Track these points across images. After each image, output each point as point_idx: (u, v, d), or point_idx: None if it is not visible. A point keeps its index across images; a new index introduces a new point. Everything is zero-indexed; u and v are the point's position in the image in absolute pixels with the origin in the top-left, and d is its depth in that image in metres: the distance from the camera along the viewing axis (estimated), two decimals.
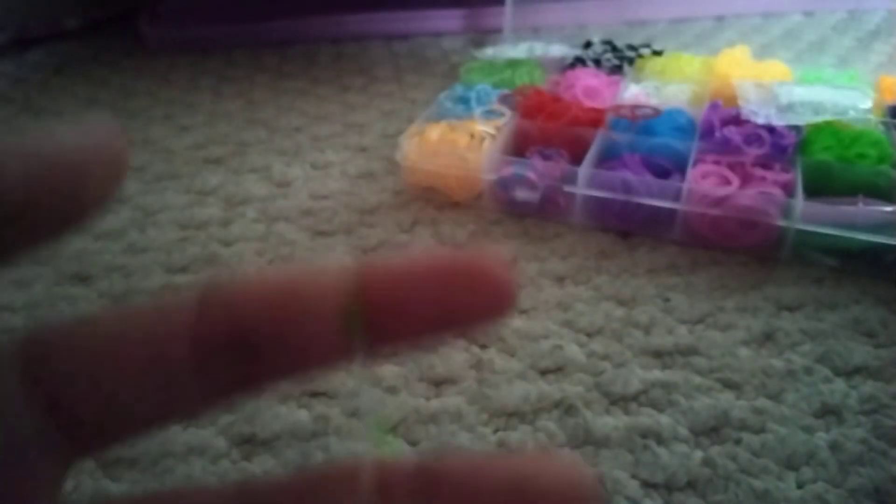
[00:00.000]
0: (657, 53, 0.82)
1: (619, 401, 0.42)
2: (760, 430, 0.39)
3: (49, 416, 0.12)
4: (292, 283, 0.13)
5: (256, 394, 0.13)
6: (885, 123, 0.61)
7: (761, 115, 0.59)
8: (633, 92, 0.69)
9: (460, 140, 0.61)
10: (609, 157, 0.59)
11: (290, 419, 0.41)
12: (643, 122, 0.61)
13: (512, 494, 0.13)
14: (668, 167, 0.56)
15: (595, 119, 0.63)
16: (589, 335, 0.47)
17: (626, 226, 0.56)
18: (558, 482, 0.13)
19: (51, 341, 0.12)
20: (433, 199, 0.61)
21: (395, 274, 0.13)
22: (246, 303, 0.12)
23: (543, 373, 0.44)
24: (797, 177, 0.54)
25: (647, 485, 0.36)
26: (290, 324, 0.12)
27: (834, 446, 0.38)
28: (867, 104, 0.61)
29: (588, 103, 0.66)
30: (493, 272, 0.13)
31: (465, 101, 0.68)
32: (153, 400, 0.12)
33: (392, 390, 0.43)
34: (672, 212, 0.54)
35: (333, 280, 0.13)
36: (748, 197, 0.52)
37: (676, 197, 0.53)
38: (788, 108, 0.60)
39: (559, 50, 0.84)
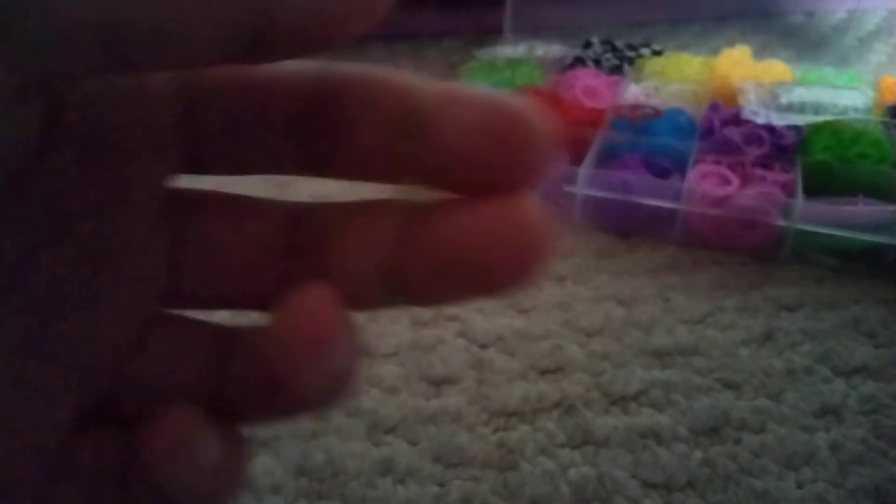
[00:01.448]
0: (657, 53, 0.82)
1: (618, 401, 0.42)
2: (760, 430, 0.39)
3: (187, 130, 0.13)
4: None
5: (328, 175, 0.14)
6: (885, 123, 0.60)
7: (761, 115, 0.59)
8: (633, 92, 0.69)
9: None
10: (609, 157, 0.59)
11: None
12: (643, 122, 0.61)
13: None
14: (668, 167, 0.56)
15: (595, 119, 0.63)
16: (589, 335, 0.47)
17: (626, 226, 0.56)
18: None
19: (210, 81, 0.13)
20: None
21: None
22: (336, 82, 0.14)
23: (543, 373, 0.44)
24: (797, 177, 0.54)
25: (647, 485, 0.36)
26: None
27: (834, 446, 0.38)
28: (867, 104, 0.61)
29: (588, 103, 0.66)
30: (530, 128, 0.11)
31: None
32: (262, 151, 0.14)
33: (392, 390, 0.43)
34: (672, 212, 0.54)
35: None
36: (748, 197, 0.52)
37: (676, 197, 0.53)
38: (788, 108, 0.60)
39: (559, 50, 0.84)
